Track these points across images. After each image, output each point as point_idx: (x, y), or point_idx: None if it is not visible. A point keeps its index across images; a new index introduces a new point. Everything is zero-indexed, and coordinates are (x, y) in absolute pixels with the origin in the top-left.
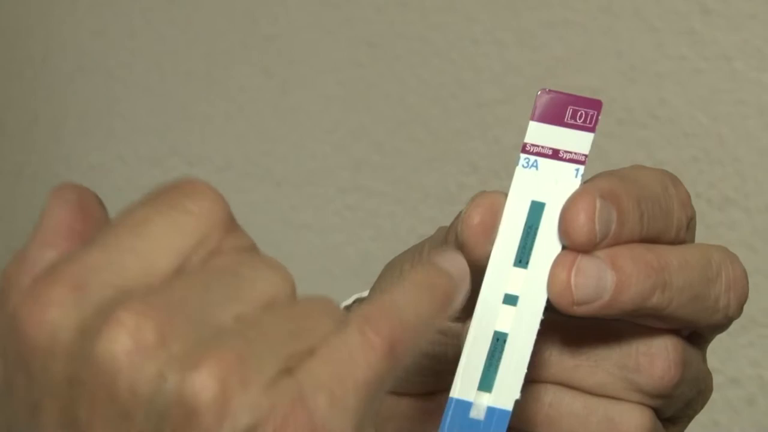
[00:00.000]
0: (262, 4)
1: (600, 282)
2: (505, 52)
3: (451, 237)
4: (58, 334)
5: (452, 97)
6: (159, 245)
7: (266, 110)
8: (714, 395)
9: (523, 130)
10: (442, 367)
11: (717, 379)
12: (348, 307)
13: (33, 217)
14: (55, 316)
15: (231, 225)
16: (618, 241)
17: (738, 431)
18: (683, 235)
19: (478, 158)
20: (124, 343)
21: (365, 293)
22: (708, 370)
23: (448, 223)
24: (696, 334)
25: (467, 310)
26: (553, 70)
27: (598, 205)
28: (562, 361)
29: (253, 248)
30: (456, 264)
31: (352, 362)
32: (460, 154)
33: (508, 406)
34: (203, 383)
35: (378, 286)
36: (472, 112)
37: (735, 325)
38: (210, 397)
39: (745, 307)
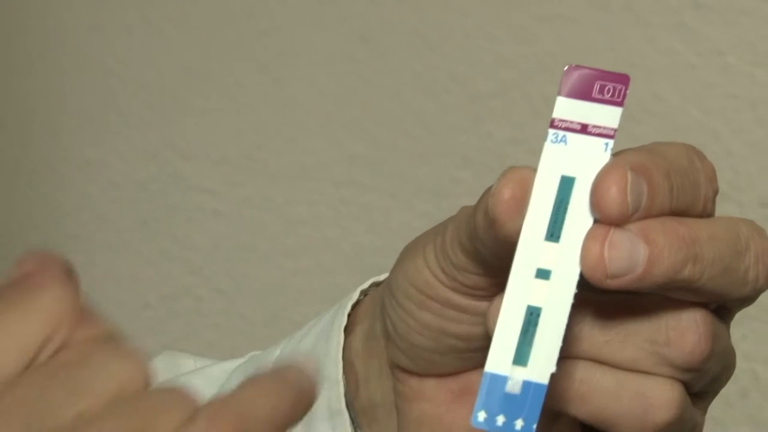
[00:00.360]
0: (258, 0)
1: (633, 255)
2: (499, 46)
3: (479, 214)
4: None
5: (446, 92)
6: (4, 342)
7: (261, 105)
8: None
9: (516, 125)
10: (464, 345)
11: None
12: (364, 292)
13: (30, 213)
14: None
15: (82, 314)
16: (649, 214)
17: (731, 425)
18: (710, 208)
19: (472, 152)
20: None
21: (382, 277)
22: (732, 346)
23: (442, 217)
24: (722, 308)
25: (499, 286)
26: (547, 64)
27: (629, 178)
28: (592, 337)
29: (107, 337)
30: (304, 375)
31: None
32: (454, 148)
33: (544, 379)
34: None
35: (396, 269)
36: (466, 107)
37: None
38: None
39: None
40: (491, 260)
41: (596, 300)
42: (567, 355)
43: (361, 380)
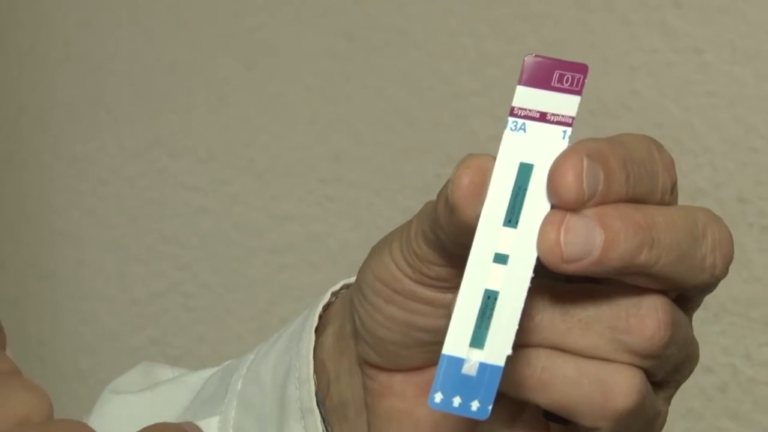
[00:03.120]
0: None
1: (589, 239)
2: (482, 44)
3: (440, 202)
4: None
5: (429, 89)
6: None
7: (247, 102)
8: (687, 382)
9: (500, 122)
10: (431, 338)
11: None
12: (335, 293)
13: (19, 209)
14: None
15: None
16: (605, 201)
17: (711, 417)
18: (668, 198)
19: (455, 149)
20: None
21: (352, 279)
22: (694, 337)
23: None
24: (683, 297)
25: (457, 276)
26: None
27: (585, 164)
28: (553, 325)
29: (12, 372)
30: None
31: None
32: (438, 145)
33: (500, 362)
34: None
35: (364, 268)
36: (450, 104)
37: (707, 314)
38: None
39: (717, 295)
40: (453, 249)
41: (558, 288)
42: (529, 343)
43: (332, 379)
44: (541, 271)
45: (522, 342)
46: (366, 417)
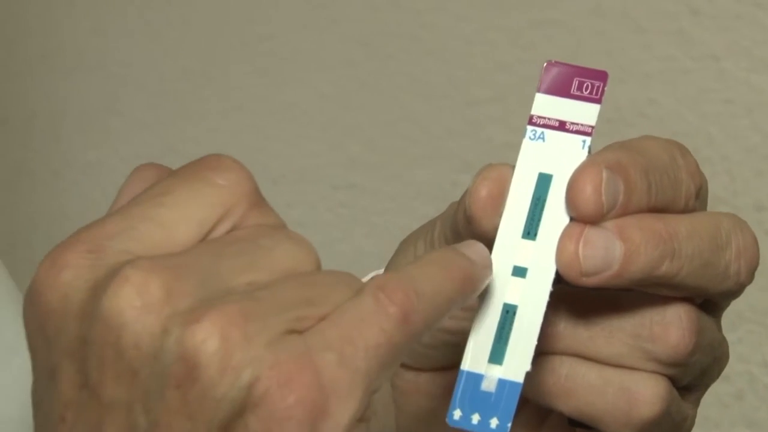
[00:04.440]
0: (257, 5)
1: (608, 252)
2: (496, 51)
3: (459, 211)
4: (70, 295)
5: (444, 96)
6: (181, 215)
7: (261, 109)
8: None
9: (514, 129)
10: (457, 339)
11: None
12: None
13: (32, 214)
14: (68, 277)
15: (257, 200)
16: (626, 212)
17: (727, 425)
18: (693, 204)
19: (470, 156)
20: (130, 298)
21: (381, 270)
22: (723, 337)
23: None
24: (709, 302)
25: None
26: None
27: (604, 176)
28: (576, 333)
29: (279, 225)
30: (477, 251)
31: (364, 325)
32: (453, 151)
33: (519, 378)
34: (204, 336)
35: (391, 265)
36: (464, 111)
37: (724, 321)
38: (211, 351)
39: (734, 303)
40: None
41: (581, 295)
42: (552, 350)
43: None
44: (562, 279)
45: (546, 349)
46: (395, 415)
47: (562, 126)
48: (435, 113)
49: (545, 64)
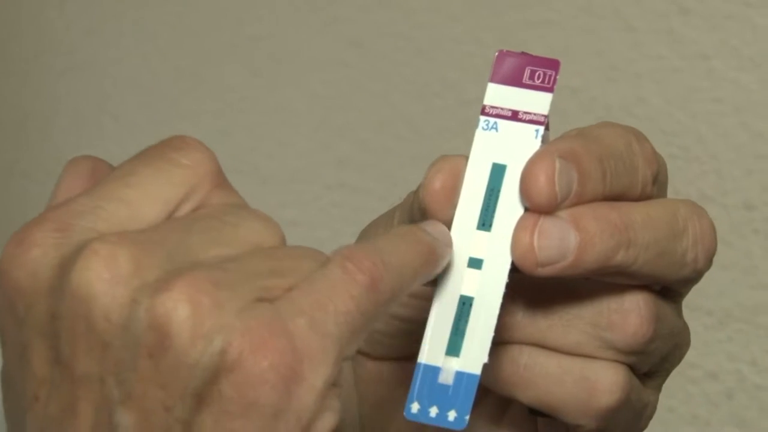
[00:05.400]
0: (249, 6)
1: (563, 243)
2: (487, 51)
3: (415, 203)
4: (39, 272)
5: (436, 96)
6: (146, 194)
7: (253, 109)
8: (693, 389)
9: None
10: (414, 329)
11: (695, 374)
12: None
13: (24, 215)
14: (36, 255)
15: (220, 180)
16: (580, 201)
17: (717, 424)
18: (650, 190)
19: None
20: (98, 271)
21: None
22: (684, 324)
23: None
24: (668, 289)
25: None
26: None
27: (557, 165)
28: (535, 322)
29: (242, 204)
30: (439, 229)
31: (333, 292)
32: (444, 151)
33: (477, 370)
34: (174, 304)
35: None
36: (456, 111)
37: (713, 320)
38: (181, 318)
39: (723, 302)
40: None
41: (540, 284)
42: (511, 340)
43: None
44: (514, 271)
45: (505, 339)
46: (357, 404)
47: (514, 116)
48: (427, 113)
49: (497, 54)
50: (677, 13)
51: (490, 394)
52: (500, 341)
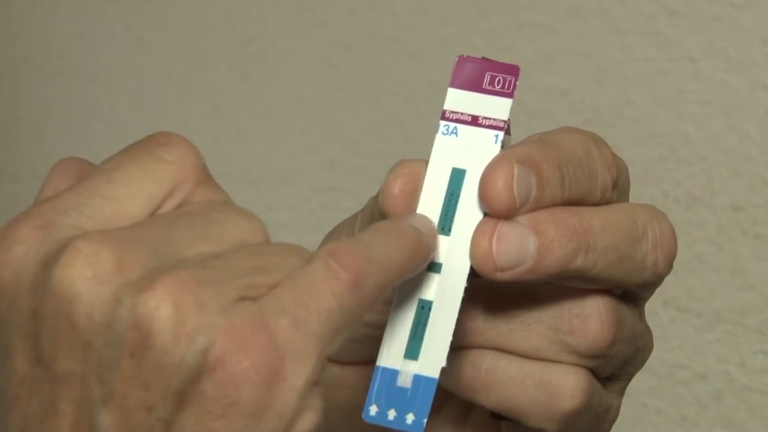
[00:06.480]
0: (238, 8)
1: (522, 247)
2: (475, 53)
3: (375, 207)
4: (21, 270)
5: (424, 98)
6: (130, 190)
7: (242, 111)
8: (681, 390)
9: None
10: (378, 333)
11: (684, 375)
12: None
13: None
14: (19, 253)
15: (204, 176)
16: (540, 206)
17: (705, 425)
18: (609, 195)
19: None
20: (81, 269)
21: None
22: (647, 327)
23: None
24: (629, 293)
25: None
26: (523, 71)
27: (516, 171)
28: (496, 326)
29: (227, 201)
30: (424, 222)
31: (316, 290)
32: None
33: (435, 374)
34: (157, 303)
35: None
36: None
37: (702, 321)
38: (164, 317)
39: (712, 303)
40: None
41: (501, 288)
42: (472, 344)
43: None
44: (474, 275)
45: (466, 343)
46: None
47: (474, 121)
48: (415, 116)
49: (457, 59)
50: (665, 15)
51: (452, 398)
52: (462, 346)
